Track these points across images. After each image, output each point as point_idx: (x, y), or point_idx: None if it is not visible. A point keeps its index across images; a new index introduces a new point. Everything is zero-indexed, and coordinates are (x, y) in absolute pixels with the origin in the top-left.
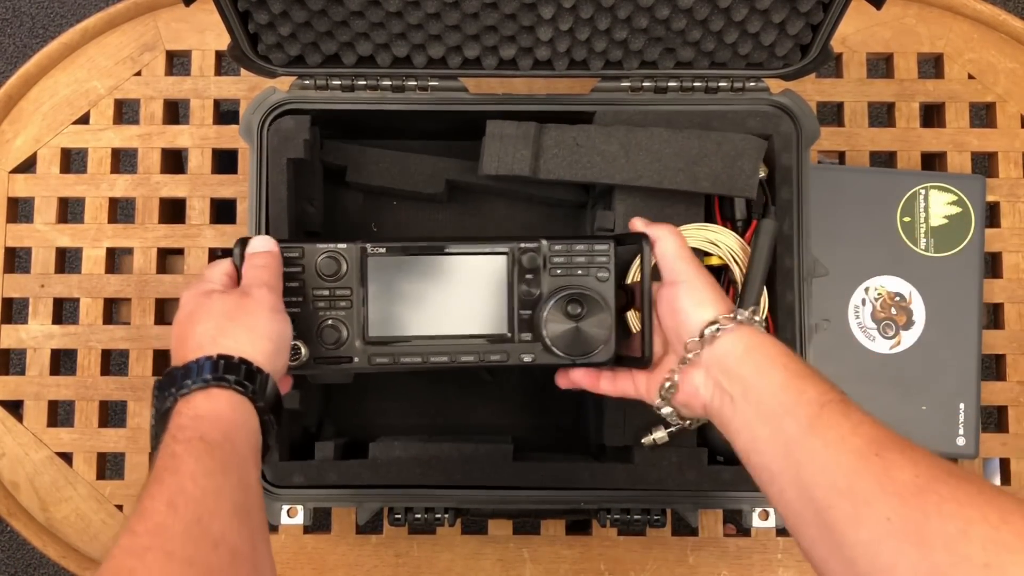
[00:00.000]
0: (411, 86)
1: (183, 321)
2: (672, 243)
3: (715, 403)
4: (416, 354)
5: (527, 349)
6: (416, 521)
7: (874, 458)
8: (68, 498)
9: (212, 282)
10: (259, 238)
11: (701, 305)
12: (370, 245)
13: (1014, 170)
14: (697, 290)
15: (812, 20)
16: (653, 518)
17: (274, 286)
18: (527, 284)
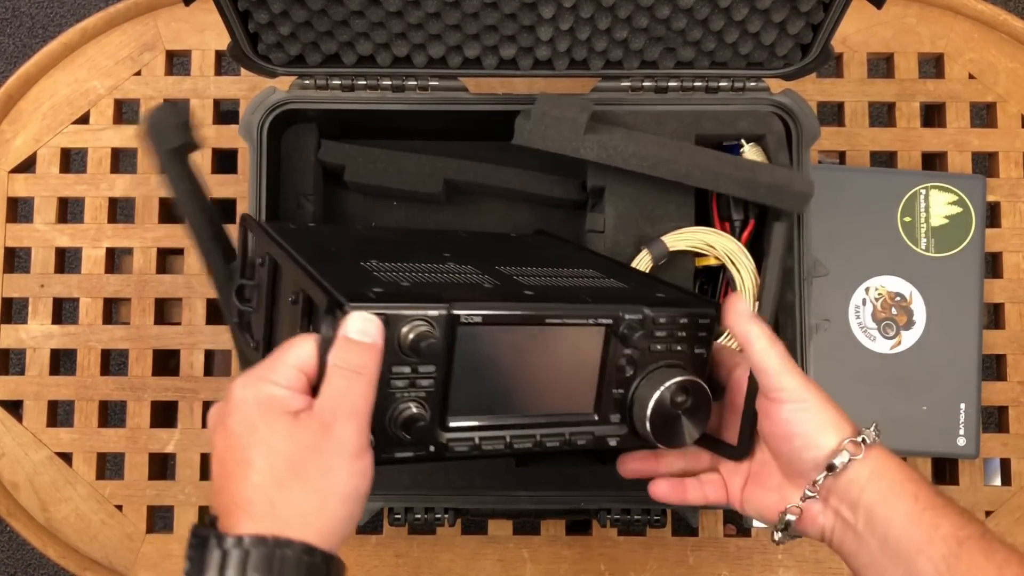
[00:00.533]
0: (411, 86)
1: (233, 446)
2: (774, 355)
3: (836, 535)
4: (499, 439)
5: (613, 432)
6: (416, 521)
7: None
8: (68, 498)
9: (280, 384)
10: (361, 318)
11: (823, 430)
12: (464, 313)
13: (1014, 170)
14: (814, 411)
15: (812, 20)
16: (653, 518)
17: (366, 410)
18: (624, 360)
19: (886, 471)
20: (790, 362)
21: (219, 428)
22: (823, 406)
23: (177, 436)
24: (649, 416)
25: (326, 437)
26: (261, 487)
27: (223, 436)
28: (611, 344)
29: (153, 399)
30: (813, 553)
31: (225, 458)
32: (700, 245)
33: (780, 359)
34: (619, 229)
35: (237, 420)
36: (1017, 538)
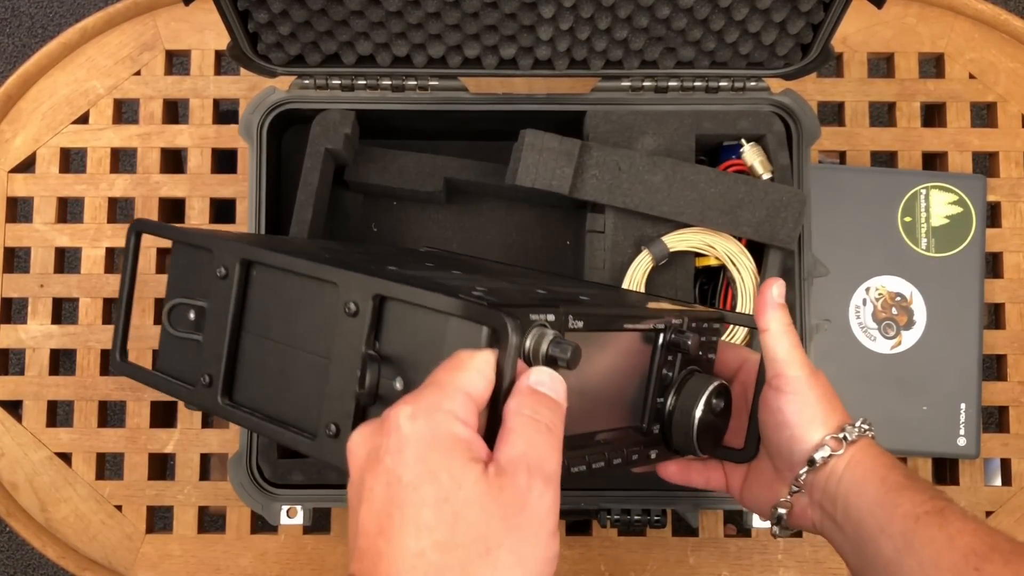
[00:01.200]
0: (411, 86)
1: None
2: (786, 343)
3: (825, 528)
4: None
5: (654, 443)
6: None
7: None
8: (67, 498)
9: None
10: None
11: (811, 424)
12: (571, 317)
13: (1015, 170)
14: (809, 404)
15: (813, 19)
16: (653, 518)
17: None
18: (667, 367)
19: (862, 460)
20: (799, 353)
21: (374, 467)
22: (818, 400)
23: (177, 436)
24: (696, 426)
25: (524, 508)
26: (432, 564)
27: (382, 480)
28: (660, 350)
29: (153, 399)
30: (813, 553)
31: (385, 512)
32: (700, 245)
33: (790, 348)
34: (619, 229)
35: (408, 462)
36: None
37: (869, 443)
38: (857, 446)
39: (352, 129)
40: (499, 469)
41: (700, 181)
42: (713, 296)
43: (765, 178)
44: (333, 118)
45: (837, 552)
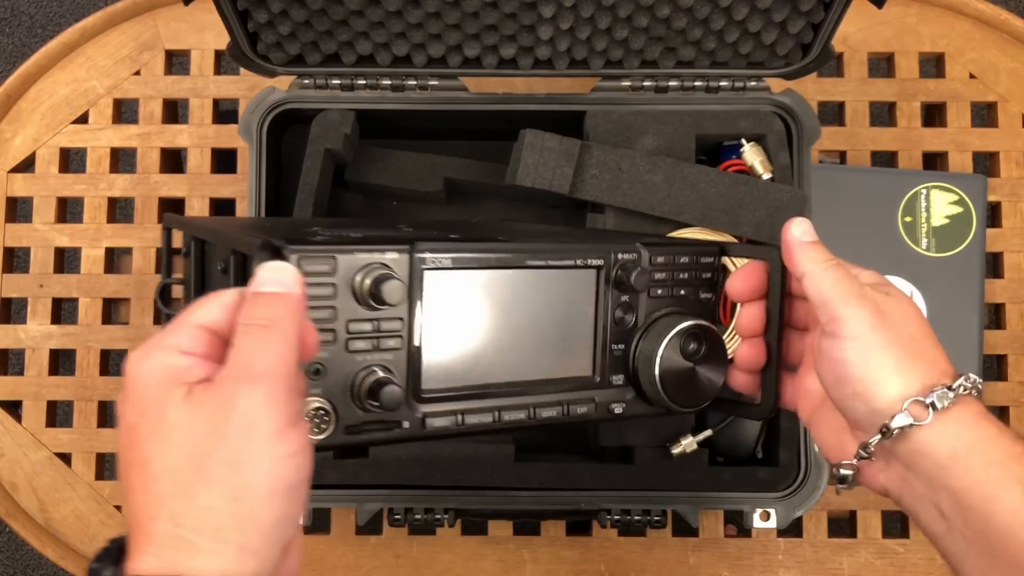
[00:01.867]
0: (411, 85)
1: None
2: (830, 278)
3: (908, 504)
4: (485, 410)
5: (617, 396)
6: (416, 522)
7: None
8: (67, 499)
9: (178, 349)
10: (271, 267)
11: (882, 378)
12: (428, 254)
13: (1015, 170)
14: (876, 350)
15: (813, 19)
16: (654, 519)
17: (278, 372)
18: (622, 309)
19: (978, 447)
20: (853, 286)
21: (119, 419)
22: (890, 344)
23: None
24: (659, 373)
25: (228, 414)
26: (161, 498)
27: (122, 429)
28: (605, 290)
29: None
30: (814, 553)
31: (124, 458)
32: None
33: (837, 281)
34: (619, 229)
35: (131, 406)
36: None
37: (975, 414)
38: (957, 416)
39: (352, 129)
40: (207, 385)
41: (700, 181)
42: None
43: (765, 178)
44: (333, 118)
45: (928, 536)
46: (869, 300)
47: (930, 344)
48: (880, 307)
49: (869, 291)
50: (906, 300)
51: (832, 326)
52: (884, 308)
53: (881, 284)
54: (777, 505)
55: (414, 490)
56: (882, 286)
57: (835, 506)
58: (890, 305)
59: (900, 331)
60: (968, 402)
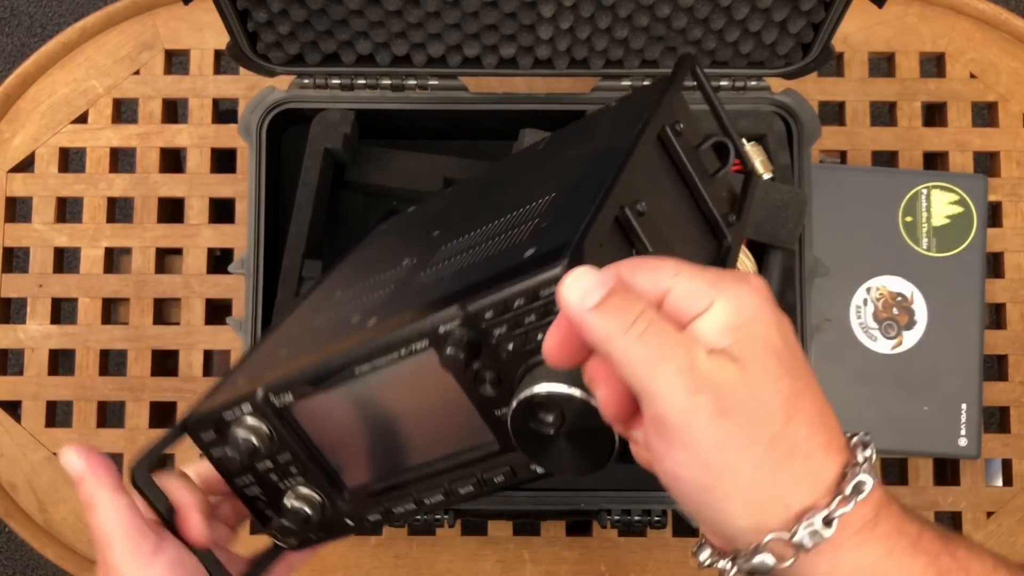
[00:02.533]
0: (411, 85)
1: None
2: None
3: None
4: (406, 498)
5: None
6: (415, 522)
7: None
8: (66, 499)
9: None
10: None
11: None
12: (271, 394)
13: (1016, 170)
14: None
15: (813, 19)
16: (654, 519)
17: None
18: (479, 376)
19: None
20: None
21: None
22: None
23: None
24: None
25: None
26: None
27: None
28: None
29: (152, 399)
30: None
31: None
32: None
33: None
34: None
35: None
36: (1019, 539)
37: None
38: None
39: (352, 129)
40: None
41: None
42: None
43: (766, 178)
44: (333, 118)
45: None
46: (704, 387)
47: (802, 430)
48: (721, 397)
49: (703, 372)
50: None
51: (657, 426)
52: (726, 396)
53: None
54: None
55: None
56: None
57: None
58: (736, 388)
59: (752, 429)
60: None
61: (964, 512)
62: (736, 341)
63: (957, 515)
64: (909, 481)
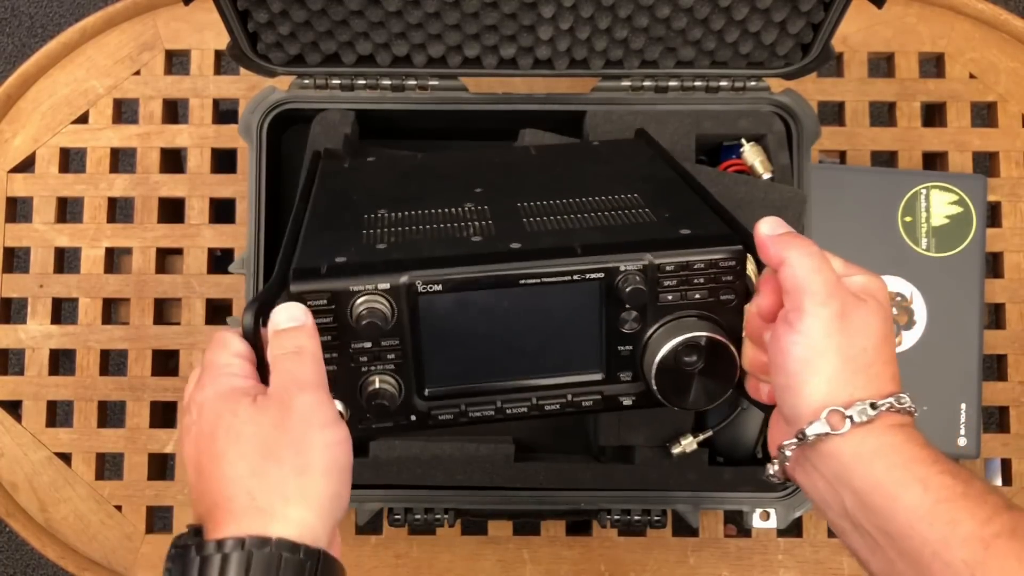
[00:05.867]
0: (411, 85)
1: (204, 446)
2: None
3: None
4: (487, 405)
5: (627, 391)
6: (416, 522)
7: None
8: (67, 498)
9: (231, 373)
10: (283, 308)
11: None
12: (420, 281)
13: (1015, 170)
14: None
15: (813, 19)
16: (654, 519)
17: (318, 382)
18: (626, 316)
19: (881, 451)
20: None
21: (186, 438)
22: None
23: (176, 436)
24: (655, 376)
25: (288, 413)
26: (237, 479)
27: (193, 442)
28: (609, 300)
29: (152, 399)
30: (814, 553)
31: (199, 461)
32: None
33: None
34: None
35: (203, 420)
36: None
37: (899, 428)
38: (875, 430)
39: (352, 129)
40: (267, 395)
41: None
42: None
43: (765, 178)
44: (333, 118)
45: (843, 540)
46: (836, 300)
47: (880, 359)
48: (845, 310)
49: (841, 290)
50: (878, 311)
51: (792, 315)
52: (848, 312)
53: (864, 288)
54: (777, 505)
55: (414, 490)
56: (862, 291)
57: None
58: (856, 312)
59: (853, 340)
60: (887, 416)
61: None
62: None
63: None
64: None
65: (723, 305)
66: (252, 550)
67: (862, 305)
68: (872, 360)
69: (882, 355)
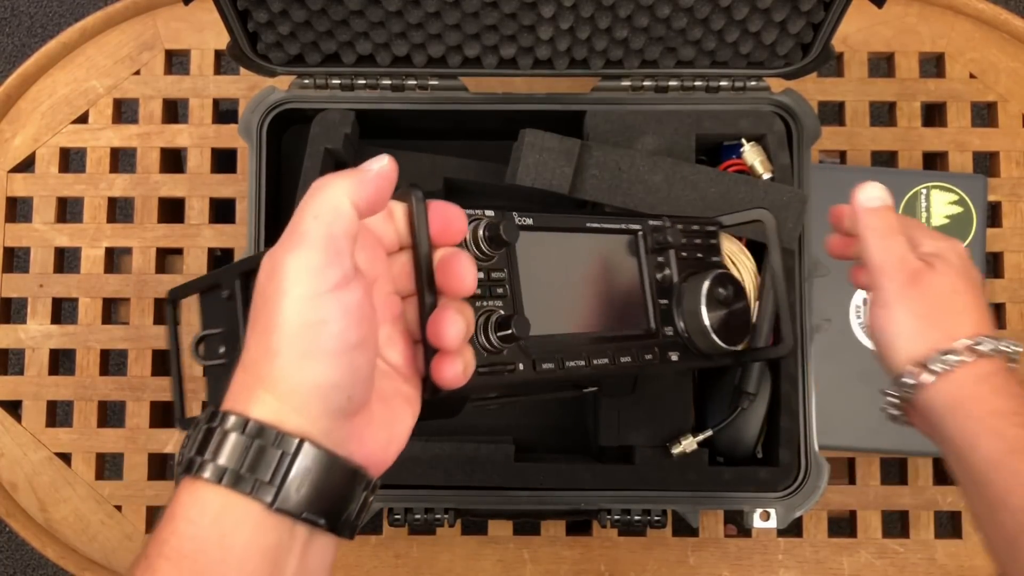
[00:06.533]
0: (411, 85)
1: None
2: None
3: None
4: (580, 357)
5: (671, 346)
6: (416, 522)
7: None
8: (67, 498)
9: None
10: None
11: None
12: (516, 214)
13: (1016, 170)
14: (897, 321)
15: (813, 19)
16: (654, 519)
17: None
18: (659, 268)
19: (964, 401)
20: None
21: None
22: (909, 314)
23: (176, 436)
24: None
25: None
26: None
27: None
28: (645, 250)
29: (152, 399)
30: (814, 553)
31: None
32: None
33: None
34: None
35: None
36: None
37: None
38: (959, 381)
39: (352, 129)
40: None
41: (700, 181)
42: None
43: (765, 178)
44: (333, 118)
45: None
46: (906, 271)
47: (953, 310)
48: (916, 277)
49: (911, 260)
50: (947, 271)
51: (873, 293)
52: (919, 278)
53: (934, 253)
54: (777, 505)
55: (414, 490)
56: (931, 255)
57: (835, 506)
58: (925, 275)
59: (923, 300)
60: (979, 364)
61: (964, 512)
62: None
63: (957, 515)
64: (909, 481)
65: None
66: (229, 429)
67: (929, 269)
68: (944, 313)
69: (955, 306)
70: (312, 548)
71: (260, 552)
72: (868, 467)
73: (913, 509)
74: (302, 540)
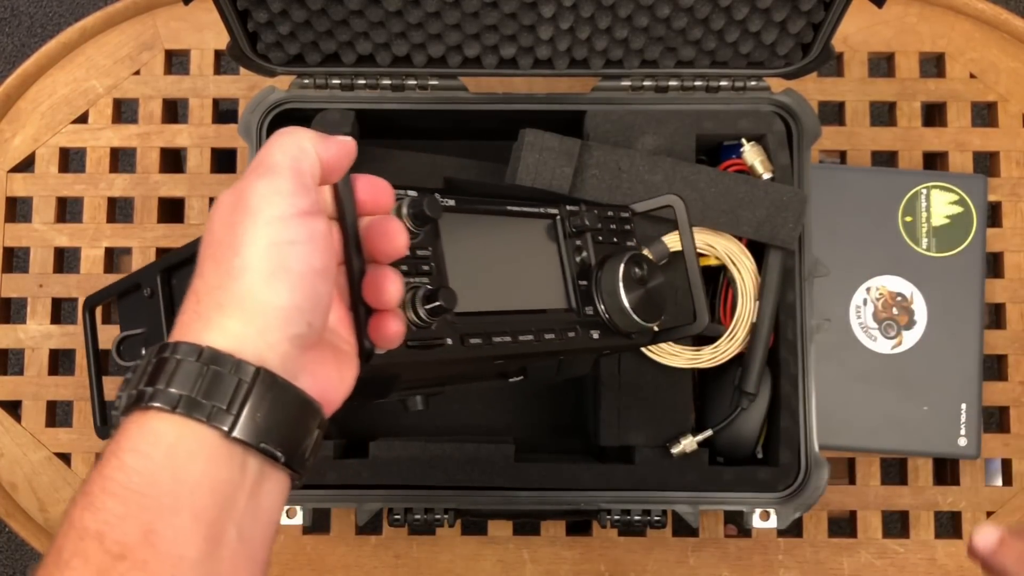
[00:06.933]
0: (411, 85)
1: None
2: None
3: None
4: (506, 333)
5: (592, 324)
6: (416, 522)
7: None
8: (67, 498)
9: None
10: None
11: None
12: (438, 195)
13: (1016, 170)
14: None
15: (813, 19)
16: (654, 519)
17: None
18: (577, 251)
19: None
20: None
21: None
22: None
23: None
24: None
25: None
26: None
27: None
28: (565, 236)
29: None
30: (814, 553)
31: None
32: (701, 245)
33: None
34: None
35: None
36: None
37: None
38: None
39: (352, 129)
40: None
41: (700, 181)
42: (713, 296)
43: (765, 178)
44: (333, 118)
45: None
46: None
47: None
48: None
49: None
50: None
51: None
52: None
53: None
54: (777, 505)
55: (414, 490)
56: None
57: (835, 506)
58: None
59: None
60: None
61: (964, 512)
62: None
63: (957, 515)
64: (909, 481)
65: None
66: (182, 357)
67: None
68: None
69: None
70: (263, 487)
71: (210, 487)
72: (868, 467)
73: (913, 509)
74: (252, 477)
